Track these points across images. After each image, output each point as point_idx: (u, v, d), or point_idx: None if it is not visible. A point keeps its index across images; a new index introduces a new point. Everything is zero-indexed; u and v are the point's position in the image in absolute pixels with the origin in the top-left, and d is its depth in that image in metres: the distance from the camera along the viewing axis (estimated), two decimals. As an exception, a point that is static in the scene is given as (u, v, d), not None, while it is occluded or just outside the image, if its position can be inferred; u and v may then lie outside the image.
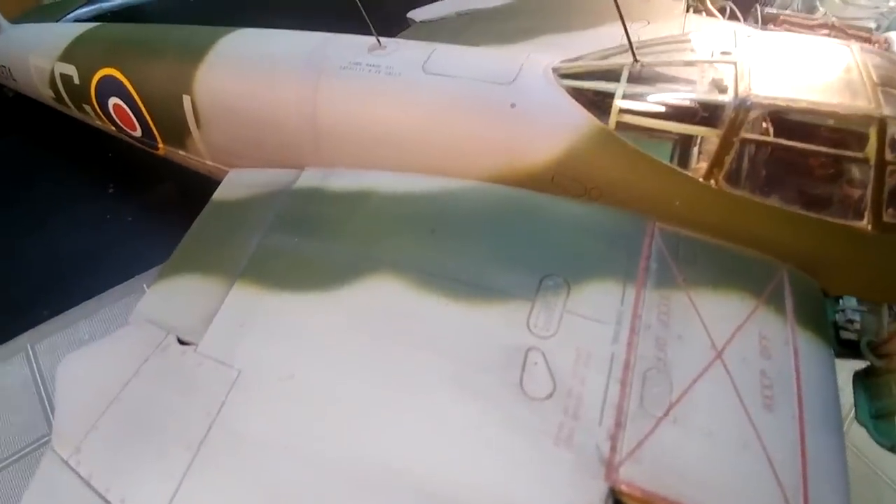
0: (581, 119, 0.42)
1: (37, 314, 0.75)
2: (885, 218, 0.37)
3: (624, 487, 0.28)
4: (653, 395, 0.31)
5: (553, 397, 0.32)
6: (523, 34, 0.66)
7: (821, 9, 1.02)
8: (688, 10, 0.69)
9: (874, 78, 0.38)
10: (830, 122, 0.38)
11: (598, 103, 0.42)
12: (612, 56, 0.45)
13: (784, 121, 0.39)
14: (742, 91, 0.38)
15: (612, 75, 0.43)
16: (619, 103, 0.41)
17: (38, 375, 0.69)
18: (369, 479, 0.31)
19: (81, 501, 0.34)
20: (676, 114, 0.40)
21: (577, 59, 0.47)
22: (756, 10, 0.71)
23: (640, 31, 0.61)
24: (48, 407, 0.66)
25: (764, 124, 0.40)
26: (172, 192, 0.89)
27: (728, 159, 0.38)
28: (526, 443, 0.30)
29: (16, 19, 0.91)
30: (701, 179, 0.40)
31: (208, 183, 0.72)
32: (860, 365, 0.40)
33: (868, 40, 0.71)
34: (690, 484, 0.28)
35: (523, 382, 0.32)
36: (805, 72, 0.40)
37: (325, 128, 0.52)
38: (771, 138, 0.38)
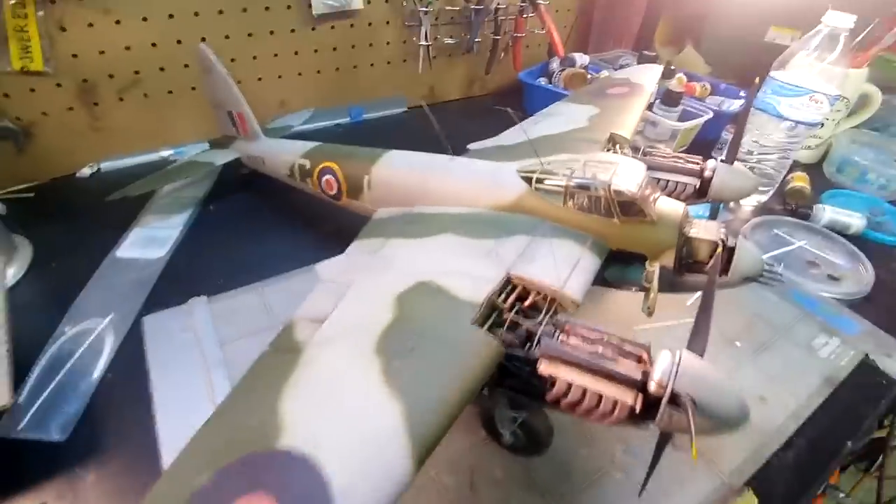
0: (523, 186, 1.14)
1: (262, 275, 1.45)
2: (621, 217, 1.03)
3: (512, 272, 0.94)
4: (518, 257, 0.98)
5: (495, 258, 0.99)
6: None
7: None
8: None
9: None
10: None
11: (529, 180, 1.14)
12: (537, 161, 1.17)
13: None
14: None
15: (534, 171, 1.15)
16: (535, 179, 1.12)
17: (265, 304, 1.40)
18: (418, 273, 0.97)
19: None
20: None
21: (530, 163, 1.19)
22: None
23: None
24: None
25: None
26: (335, 231, 1.65)
27: (572, 200, 1.07)
28: (479, 262, 0.97)
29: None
30: (562, 205, 1.08)
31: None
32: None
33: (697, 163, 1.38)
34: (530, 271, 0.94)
35: (488, 255, 1.00)
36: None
37: (428, 191, 1.27)
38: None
